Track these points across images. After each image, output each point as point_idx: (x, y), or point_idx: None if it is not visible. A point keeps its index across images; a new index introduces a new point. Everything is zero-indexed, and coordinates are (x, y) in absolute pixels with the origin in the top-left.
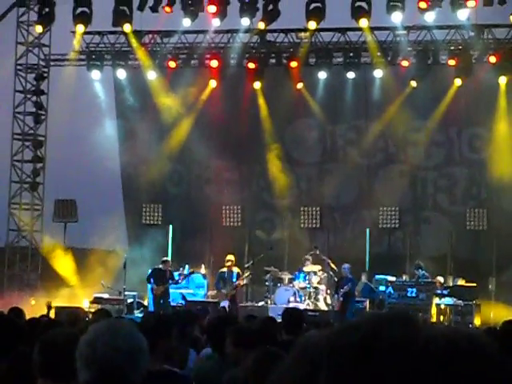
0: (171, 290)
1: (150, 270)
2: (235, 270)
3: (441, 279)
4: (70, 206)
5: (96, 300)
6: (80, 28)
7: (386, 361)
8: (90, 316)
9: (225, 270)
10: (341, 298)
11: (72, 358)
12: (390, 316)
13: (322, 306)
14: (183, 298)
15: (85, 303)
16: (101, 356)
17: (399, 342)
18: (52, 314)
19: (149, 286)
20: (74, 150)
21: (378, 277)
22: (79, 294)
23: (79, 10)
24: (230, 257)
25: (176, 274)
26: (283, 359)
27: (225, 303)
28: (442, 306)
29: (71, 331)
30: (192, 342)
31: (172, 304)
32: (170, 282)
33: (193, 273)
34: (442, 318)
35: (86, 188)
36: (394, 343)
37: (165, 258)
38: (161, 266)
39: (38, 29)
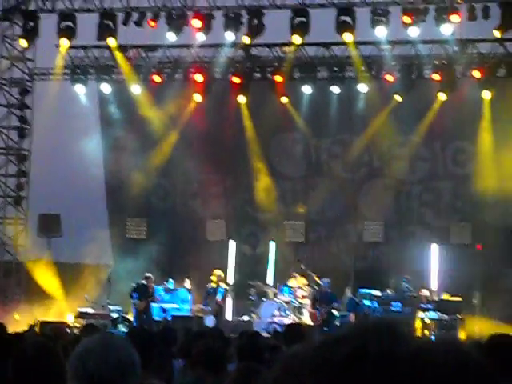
0: (154, 305)
1: (133, 286)
2: (223, 285)
3: (426, 292)
4: (54, 220)
5: (80, 315)
6: (65, 42)
7: (374, 376)
8: (75, 331)
9: (212, 285)
10: (324, 315)
11: (44, 369)
12: (376, 328)
13: (307, 321)
14: (163, 311)
15: (69, 318)
16: (91, 369)
17: (386, 357)
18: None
19: (132, 301)
20: (58, 164)
21: (362, 291)
22: (64, 308)
23: (64, 24)
24: (219, 272)
25: (160, 288)
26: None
27: (210, 320)
28: (427, 320)
29: (42, 342)
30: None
31: (156, 319)
32: (151, 299)
33: (175, 290)
34: (426, 332)
35: (70, 202)
36: (381, 357)
37: (147, 274)
38: (144, 282)
39: (23, 43)
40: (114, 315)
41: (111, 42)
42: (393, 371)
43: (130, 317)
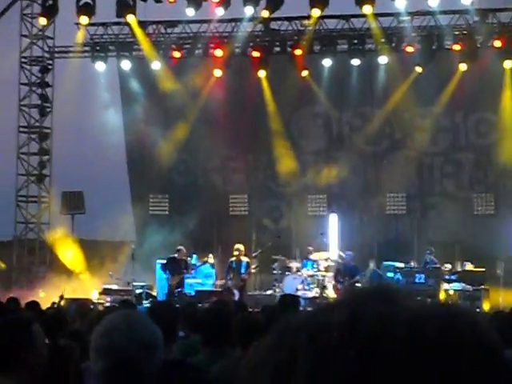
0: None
1: (164, 260)
2: (244, 259)
3: (448, 266)
4: (77, 197)
5: (105, 291)
6: (84, 19)
7: (370, 342)
8: (99, 307)
9: (233, 259)
10: (347, 287)
11: (21, 346)
12: (372, 292)
13: (331, 294)
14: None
15: (94, 294)
16: (117, 346)
17: (383, 321)
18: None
19: (163, 275)
20: (80, 141)
21: (386, 263)
22: (88, 285)
23: (83, 1)
24: (239, 246)
25: (192, 262)
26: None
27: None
28: (451, 292)
29: (25, 317)
30: None
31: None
32: (185, 271)
33: (205, 263)
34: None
35: (92, 180)
36: (378, 322)
37: (179, 247)
38: (175, 255)
39: (42, 21)
40: (138, 291)
41: (130, 18)
42: (392, 337)
43: (154, 292)
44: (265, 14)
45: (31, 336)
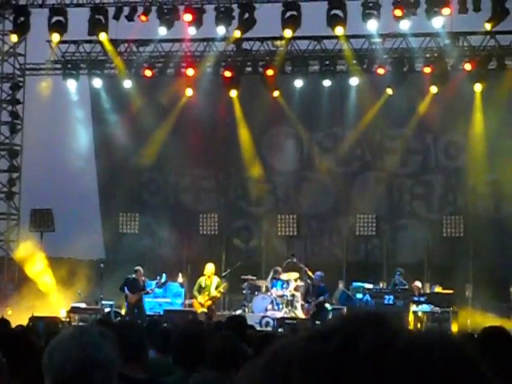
0: (148, 299)
1: (123, 280)
2: (215, 278)
3: (418, 284)
4: (46, 215)
5: (73, 309)
6: (55, 37)
7: (364, 370)
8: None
9: (204, 278)
10: (314, 308)
11: None
12: (366, 319)
13: (300, 314)
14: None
15: (62, 313)
16: (56, 364)
17: (377, 349)
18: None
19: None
20: (50, 159)
21: (355, 284)
22: (56, 303)
23: (55, 18)
24: (210, 265)
25: (152, 283)
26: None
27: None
28: (420, 314)
29: None
30: None
31: (149, 313)
32: (143, 292)
33: (165, 283)
34: (419, 325)
35: (62, 197)
36: (372, 350)
37: (136, 268)
38: (134, 276)
39: (14, 38)
40: (107, 310)
41: (102, 36)
42: (384, 365)
43: (123, 311)
44: (237, 33)
45: None
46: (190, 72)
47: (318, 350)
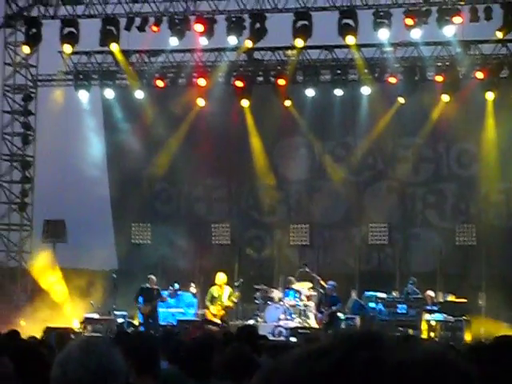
0: (161, 310)
1: (137, 290)
2: (227, 288)
3: (431, 293)
4: (58, 226)
5: (86, 320)
6: (67, 48)
7: None
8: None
9: (215, 288)
10: (326, 318)
11: None
12: (358, 338)
13: (313, 324)
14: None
15: (75, 323)
16: (71, 376)
17: (369, 369)
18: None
19: (137, 305)
20: (62, 169)
21: (367, 293)
22: (69, 314)
23: (66, 30)
24: (222, 275)
25: (165, 292)
26: None
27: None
28: (433, 322)
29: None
30: None
31: (162, 323)
32: (158, 300)
33: (178, 292)
34: (432, 334)
35: (75, 208)
36: (364, 370)
37: (149, 276)
38: (147, 285)
39: (26, 49)
40: (120, 320)
41: (114, 47)
42: (378, 381)
43: (136, 322)
44: (248, 43)
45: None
46: (202, 82)
47: (311, 370)
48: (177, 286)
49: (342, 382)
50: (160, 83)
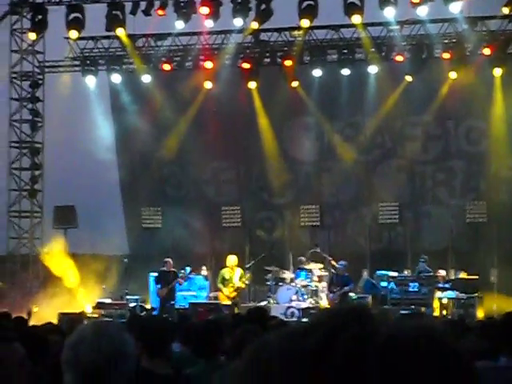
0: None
1: (155, 274)
2: (238, 270)
3: (443, 272)
4: (69, 212)
5: (98, 305)
6: (73, 34)
7: (343, 365)
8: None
9: (227, 270)
10: (338, 298)
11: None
12: (346, 314)
13: (325, 304)
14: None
15: (87, 308)
16: (84, 358)
17: (356, 344)
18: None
19: (154, 289)
20: (71, 155)
21: (379, 272)
22: (82, 299)
23: (72, 15)
24: (232, 257)
25: (179, 274)
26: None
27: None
28: (445, 300)
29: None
30: None
31: (176, 306)
32: (175, 282)
33: (193, 272)
34: (444, 311)
35: (85, 193)
36: (351, 346)
37: (165, 259)
38: (164, 268)
39: (32, 36)
40: (132, 304)
41: (120, 31)
42: (362, 361)
43: (148, 305)
44: (254, 25)
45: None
46: (209, 65)
47: (298, 346)
48: (188, 269)
49: (329, 358)
50: (167, 67)
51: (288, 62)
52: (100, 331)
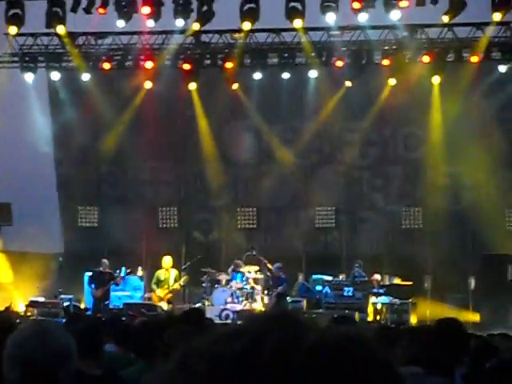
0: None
1: (89, 274)
2: (173, 271)
3: (377, 277)
4: (4, 209)
5: (32, 304)
6: (13, 30)
7: (269, 370)
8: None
9: (162, 271)
10: (273, 299)
11: None
12: (273, 319)
13: (259, 307)
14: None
15: (21, 307)
16: (29, 356)
17: (282, 349)
18: None
19: (88, 289)
20: (8, 152)
21: (314, 276)
22: (15, 297)
23: (12, 11)
24: (168, 258)
25: (115, 275)
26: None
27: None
28: (379, 305)
29: None
30: None
31: (110, 306)
32: (111, 283)
33: (130, 273)
34: (378, 316)
35: (20, 191)
36: (277, 350)
37: (102, 260)
38: (100, 269)
39: None
40: (66, 304)
41: (60, 29)
42: (287, 366)
43: (83, 305)
44: (195, 26)
45: None
46: (149, 65)
47: (223, 351)
48: (123, 271)
49: (255, 362)
50: (107, 66)
51: (229, 64)
52: (45, 330)
